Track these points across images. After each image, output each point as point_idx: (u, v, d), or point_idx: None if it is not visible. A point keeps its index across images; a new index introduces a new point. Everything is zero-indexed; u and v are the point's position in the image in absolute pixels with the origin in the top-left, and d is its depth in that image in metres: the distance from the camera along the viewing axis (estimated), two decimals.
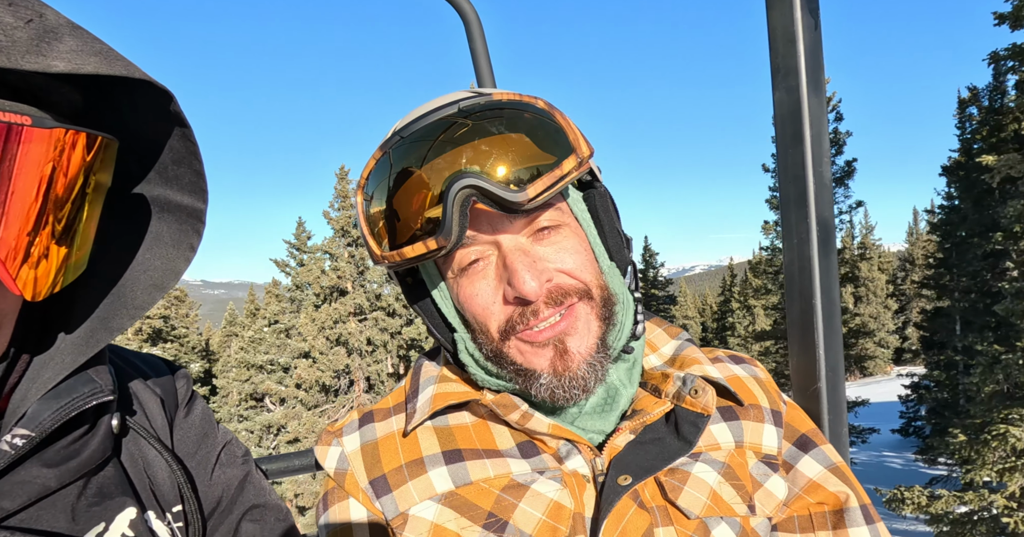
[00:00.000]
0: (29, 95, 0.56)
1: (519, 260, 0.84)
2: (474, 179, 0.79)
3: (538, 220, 0.86)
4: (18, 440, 0.59)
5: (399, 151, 0.84)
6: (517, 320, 0.86)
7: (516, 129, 0.83)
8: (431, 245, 0.81)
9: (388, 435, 0.96)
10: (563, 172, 0.82)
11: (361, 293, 23.48)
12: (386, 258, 0.86)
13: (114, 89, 0.62)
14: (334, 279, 23.25)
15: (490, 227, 0.85)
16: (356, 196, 0.90)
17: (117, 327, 0.68)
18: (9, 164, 0.51)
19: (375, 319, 23.39)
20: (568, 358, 0.86)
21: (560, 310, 0.86)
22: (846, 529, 0.91)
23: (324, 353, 22.66)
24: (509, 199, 0.79)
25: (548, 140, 0.83)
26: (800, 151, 1.08)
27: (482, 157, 0.80)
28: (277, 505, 0.86)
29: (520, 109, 0.84)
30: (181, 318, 30.92)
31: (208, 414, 0.86)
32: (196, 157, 0.65)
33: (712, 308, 51.99)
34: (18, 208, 0.52)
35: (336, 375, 23.19)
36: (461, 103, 0.83)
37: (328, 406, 23.18)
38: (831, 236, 1.12)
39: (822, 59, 1.08)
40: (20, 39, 0.51)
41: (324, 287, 23.40)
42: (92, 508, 0.64)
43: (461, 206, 0.80)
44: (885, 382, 38.38)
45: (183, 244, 0.69)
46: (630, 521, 0.85)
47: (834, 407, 1.13)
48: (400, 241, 0.84)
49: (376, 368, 23.19)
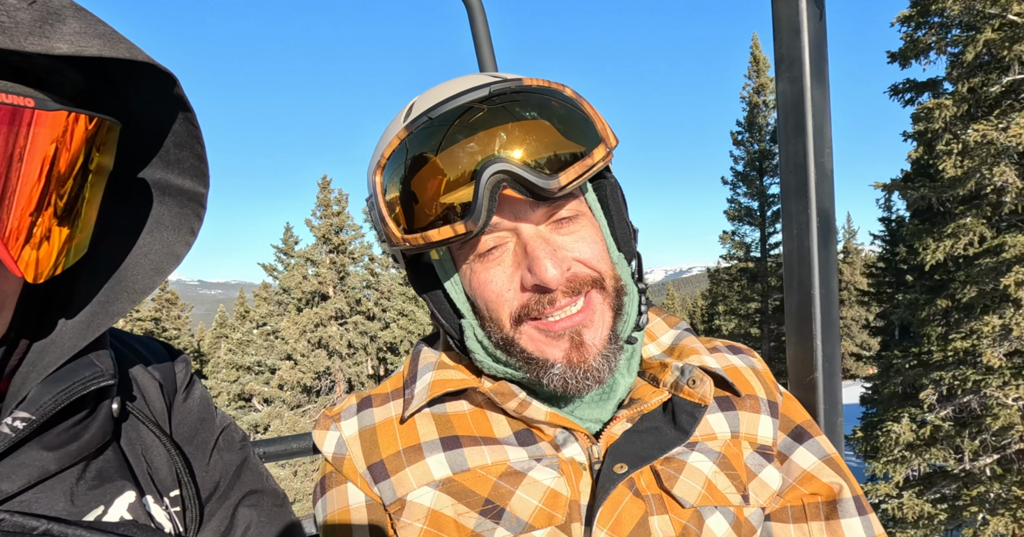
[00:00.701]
0: (32, 77, 0.56)
1: (541, 247, 0.83)
2: (507, 165, 0.78)
3: (559, 210, 0.86)
4: (19, 423, 0.59)
5: (425, 133, 0.82)
6: (533, 307, 0.86)
7: (547, 116, 0.82)
8: (459, 229, 0.81)
9: (386, 420, 0.96)
10: (593, 161, 0.82)
11: (342, 298, 24.71)
12: (407, 241, 0.85)
13: (117, 72, 0.61)
14: (315, 284, 24.46)
15: (512, 214, 0.84)
16: (375, 176, 0.87)
17: (118, 311, 0.67)
18: (11, 146, 0.51)
19: (355, 323, 24.63)
20: (584, 350, 0.86)
21: (576, 300, 0.86)
22: (839, 519, 0.92)
23: (306, 355, 23.87)
24: (541, 186, 0.79)
25: (578, 129, 0.84)
26: (802, 141, 1.09)
27: (514, 142, 0.80)
28: (274, 490, 0.85)
29: (549, 96, 0.84)
30: (173, 320, 31.08)
31: (207, 399, 0.86)
32: (198, 141, 0.65)
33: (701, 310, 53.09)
34: (20, 190, 0.52)
35: (317, 376, 24.36)
36: (492, 86, 0.82)
37: (310, 406, 24.43)
38: (831, 227, 1.12)
39: (826, 50, 1.09)
40: (23, 21, 0.50)
41: (306, 292, 24.64)
42: (91, 491, 0.64)
43: (492, 191, 0.79)
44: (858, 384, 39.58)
45: (184, 228, 0.68)
46: (625, 509, 0.85)
47: (830, 397, 1.14)
48: (422, 224, 0.83)
49: (356, 369, 24.43)
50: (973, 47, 10.86)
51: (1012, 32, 10.66)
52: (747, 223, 24.09)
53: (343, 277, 25.29)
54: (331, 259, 25.17)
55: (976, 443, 11.69)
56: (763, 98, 23.59)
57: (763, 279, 23.91)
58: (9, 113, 0.51)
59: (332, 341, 24.10)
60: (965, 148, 11.02)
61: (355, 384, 24.73)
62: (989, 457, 11.81)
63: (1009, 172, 10.42)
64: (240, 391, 25.20)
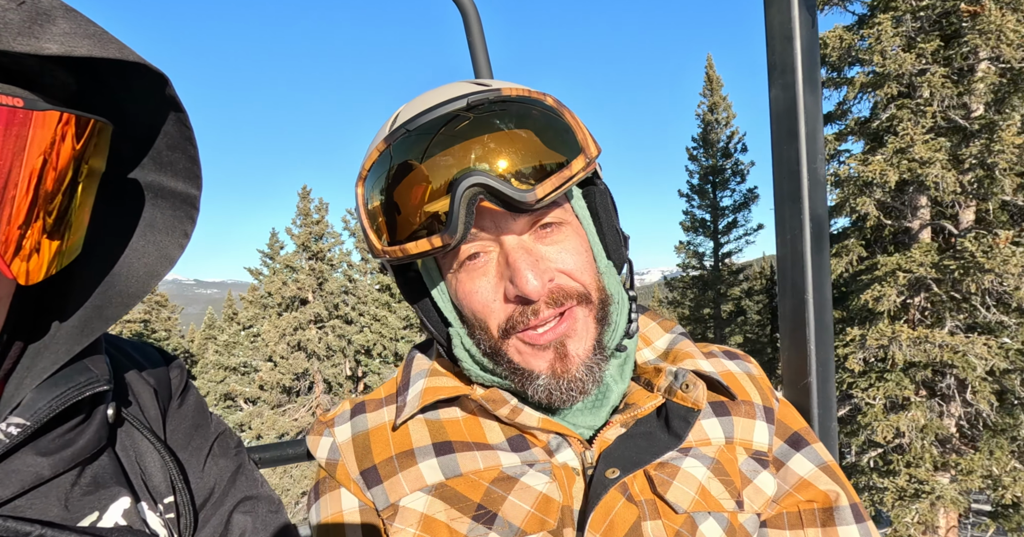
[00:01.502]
0: (22, 78, 0.55)
1: (522, 258, 0.83)
2: (482, 177, 0.78)
3: (542, 218, 0.86)
4: (13, 429, 0.59)
5: (404, 144, 0.82)
6: (518, 319, 0.86)
7: (525, 126, 0.82)
8: (435, 242, 0.81)
9: (379, 426, 0.96)
10: (572, 172, 0.82)
11: (320, 302, 26.06)
12: (387, 253, 0.85)
13: (108, 73, 0.61)
14: (295, 290, 25.80)
15: (493, 224, 0.84)
16: (357, 188, 0.87)
17: (112, 315, 0.67)
18: (1, 146, 0.50)
19: (333, 326, 25.99)
20: (568, 361, 0.87)
21: (560, 310, 0.86)
22: (835, 527, 0.92)
23: (285, 357, 25.19)
24: (517, 199, 0.79)
25: (557, 139, 0.83)
26: (795, 147, 1.10)
27: (490, 155, 0.80)
28: (269, 496, 0.84)
29: (529, 105, 0.83)
30: (163, 321, 31.01)
31: (202, 405, 0.85)
32: (191, 142, 0.64)
33: None
34: (11, 190, 0.51)
35: (296, 377, 25.65)
36: (469, 98, 0.81)
37: (289, 406, 25.74)
38: (824, 232, 1.14)
39: (818, 56, 1.10)
40: (12, 21, 0.50)
41: (285, 297, 25.98)
42: (86, 497, 0.64)
43: (468, 204, 0.79)
44: None
45: (177, 230, 0.68)
46: (618, 514, 0.85)
47: (824, 401, 1.15)
48: (402, 237, 0.84)
49: (334, 371, 25.77)
50: (851, 88, 12.39)
51: (876, 78, 12.35)
52: (701, 234, 25.37)
53: (322, 283, 26.61)
54: (311, 266, 26.48)
55: (862, 438, 13.13)
56: (716, 116, 24.90)
57: (714, 287, 25.23)
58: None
59: (311, 344, 25.45)
60: (839, 180, 12.56)
61: (333, 385, 26.05)
62: (875, 451, 13.26)
63: (870, 203, 11.97)
64: (227, 391, 25.73)
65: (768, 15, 1.11)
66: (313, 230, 26.72)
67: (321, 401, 25.86)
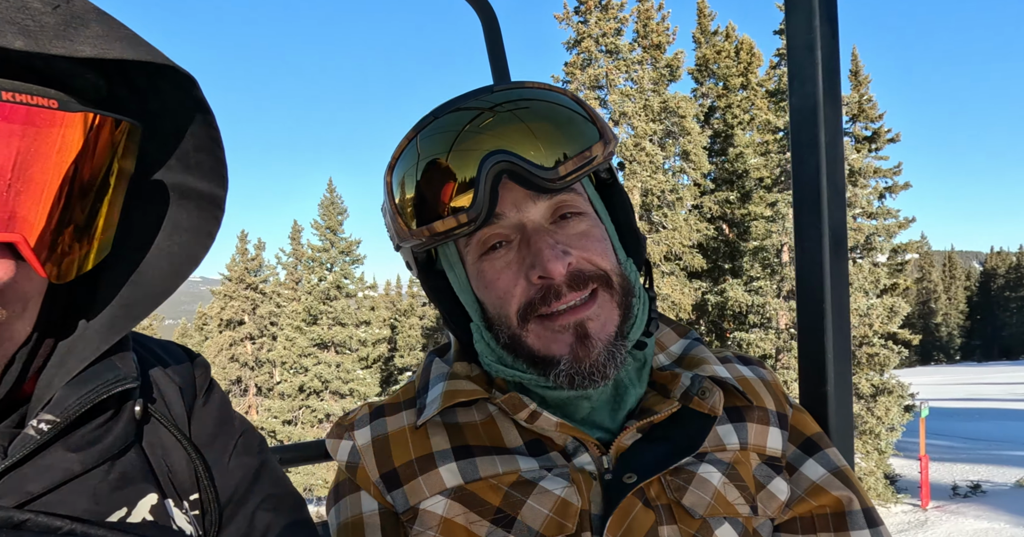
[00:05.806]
0: (54, 80, 0.56)
1: (543, 240, 0.86)
2: (507, 156, 0.82)
3: (561, 206, 0.89)
4: (44, 425, 0.60)
5: (431, 132, 0.87)
6: (538, 301, 0.87)
7: (547, 115, 0.87)
8: (461, 219, 0.84)
9: (399, 429, 0.97)
10: (592, 155, 0.86)
11: (253, 324, 33.32)
12: (415, 235, 0.88)
13: (137, 75, 0.62)
14: (230, 314, 33.13)
15: (515, 209, 0.87)
16: (386, 176, 0.92)
17: (138, 314, 0.68)
18: (35, 147, 0.51)
19: (261, 343, 33.26)
20: (589, 343, 0.87)
21: (582, 294, 0.88)
22: (848, 532, 0.93)
23: (225, 368, 32.54)
24: (541, 176, 0.83)
25: (576, 128, 0.88)
26: (814, 157, 1.12)
27: (515, 137, 0.84)
28: (292, 494, 0.84)
29: (550, 96, 0.89)
30: (142, 329, 39.50)
31: (226, 403, 0.86)
32: (218, 144, 0.65)
33: None
34: (44, 190, 0.53)
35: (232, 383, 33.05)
36: (494, 88, 0.87)
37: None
38: (843, 241, 1.14)
39: (839, 67, 1.11)
40: (48, 24, 0.51)
41: (223, 320, 33.32)
42: (115, 492, 0.64)
43: (493, 180, 0.83)
44: None
45: (202, 231, 0.69)
46: (635, 519, 0.86)
47: (841, 410, 1.15)
48: (430, 218, 0.87)
49: (262, 379, 33.13)
50: None
51: None
52: None
53: (255, 308, 33.87)
54: (244, 296, 33.78)
55: None
56: None
57: None
58: (34, 114, 0.51)
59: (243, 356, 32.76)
60: None
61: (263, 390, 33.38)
62: None
63: None
64: None
65: (789, 25, 1.13)
66: (249, 266, 33.95)
67: (253, 402, 33.17)
